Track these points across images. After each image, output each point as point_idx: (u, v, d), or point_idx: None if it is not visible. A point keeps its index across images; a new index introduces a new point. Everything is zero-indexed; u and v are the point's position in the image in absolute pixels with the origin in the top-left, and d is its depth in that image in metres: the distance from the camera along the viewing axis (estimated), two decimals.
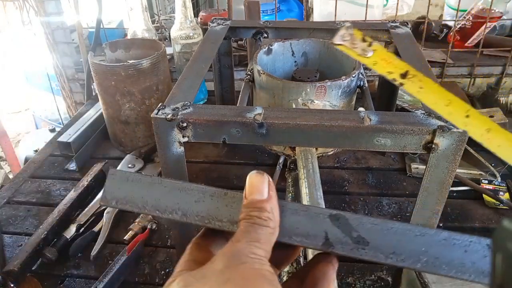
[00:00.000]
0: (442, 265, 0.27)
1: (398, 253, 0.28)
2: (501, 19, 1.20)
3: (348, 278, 0.65)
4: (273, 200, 0.27)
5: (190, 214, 0.30)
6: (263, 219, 0.26)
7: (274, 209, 0.27)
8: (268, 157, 0.92)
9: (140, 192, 0.31)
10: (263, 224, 0.26)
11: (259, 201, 0.27)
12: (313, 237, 0.29)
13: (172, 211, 0.31)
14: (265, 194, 0.27)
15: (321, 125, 0.49)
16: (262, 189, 0.27)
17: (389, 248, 0.28)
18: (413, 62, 0.64)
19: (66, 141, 0.90)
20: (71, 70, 1.29)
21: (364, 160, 0.91)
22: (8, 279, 0.64)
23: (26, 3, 1.17)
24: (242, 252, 0.25)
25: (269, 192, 0.27)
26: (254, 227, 0.26)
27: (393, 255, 0.28)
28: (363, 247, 0.28)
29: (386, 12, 1.38)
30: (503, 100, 1.07)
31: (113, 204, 0.31)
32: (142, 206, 0.31)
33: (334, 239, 0.29)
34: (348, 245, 0.28)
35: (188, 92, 0.56)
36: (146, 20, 1.07)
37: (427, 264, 0.27)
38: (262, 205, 0.27)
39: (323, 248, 0.28)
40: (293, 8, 1.82)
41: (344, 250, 0.28)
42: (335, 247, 0.28)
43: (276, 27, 0.80)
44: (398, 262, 0.28)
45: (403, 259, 0.28)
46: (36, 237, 0.68)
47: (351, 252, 0.28)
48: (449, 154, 0.48)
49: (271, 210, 0.27)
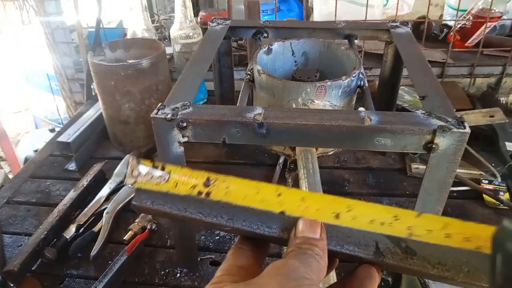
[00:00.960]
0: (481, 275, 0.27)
1: (443, 263, 0.28)
2: (501, 19, 1.20)
3: None
4: (324, 242, 0.27)
5: (237, 219, 0.29)
6: (315, 253, 0.26)
7: (324, 251, 0.27)
8: (268, 157, 0.92)
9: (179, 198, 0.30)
10: (314, 257, 0.26)
11: (311, 238, 0.27)
12: (364, 246, 0.28)
13: (217, 214, 0.29)
14: (317, 235, 0.27)
15: (321, 125, 0.49)
16: (315, 229, 0.27)
17: (434, 259, 0.28)
18: (413, 62, 0.64)
19: (66, 141, 0.90)
20: (71, 70, 1.29)
21: (364, 160, 0.90)
22: (8, 279, 0.64)
23: (26, 3, 1.17)
24: (298, 272, 0.24)
25: (321, 234, 0.27)
26: (308, 257, 0.25)
27: (438, 265, 0.28)
28: (412, 257, 0.28)
29: (386, 12, 1.38)
30: (503, 100, 1.07)
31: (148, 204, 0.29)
32: (183, 208, 0.29)
33: (385, 249, 0.28)
34: (397, 255, 0.28)
35: (188, 92, 0.56)
36: (146, 20, 1.07)
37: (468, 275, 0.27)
38: (314, 242, 0.26)
39: (374, 257, 0.28)
40: (293, 8, 1.82)
41: (394, 260, 0.28)
42: (385, 257, 0.28)
43: (276, 27, 0.80)
44: (444, 272, 0.27)
45: (447, 269, 0.27)
46: (36, 237, 0.68)
47: (400, 262, 0.28)
48: (449, 154, 0.48)
49: (322, 250, 0.26)
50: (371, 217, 0.28)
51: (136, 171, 0.30)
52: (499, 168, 0.84)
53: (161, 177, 0.29)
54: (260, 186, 0.29)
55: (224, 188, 0.29)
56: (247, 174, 0.87)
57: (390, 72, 0.83)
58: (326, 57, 0.75)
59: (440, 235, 0.27)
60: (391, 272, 0.65)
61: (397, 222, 0.28)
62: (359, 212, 0.28)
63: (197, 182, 0.29)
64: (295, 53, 0.75)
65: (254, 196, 0.29)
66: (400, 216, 0.28)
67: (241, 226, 0.29)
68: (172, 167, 0.30)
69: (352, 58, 0.68)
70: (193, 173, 0.29)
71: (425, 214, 0.28)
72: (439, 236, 0.27)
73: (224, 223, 0.29)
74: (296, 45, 0.75)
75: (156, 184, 0.29)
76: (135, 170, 0.30)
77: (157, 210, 0.30)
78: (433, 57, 1.18)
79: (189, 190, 0.29)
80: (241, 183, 0.29)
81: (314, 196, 0.29)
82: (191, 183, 0.29)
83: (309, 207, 0.28)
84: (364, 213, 0.28)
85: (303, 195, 0.28)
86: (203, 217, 0.29)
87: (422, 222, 0.27)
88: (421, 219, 0.28)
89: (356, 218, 0.28)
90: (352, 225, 0.28)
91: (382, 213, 0.28)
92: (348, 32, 0.78)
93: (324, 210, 0.28)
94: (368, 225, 0.28)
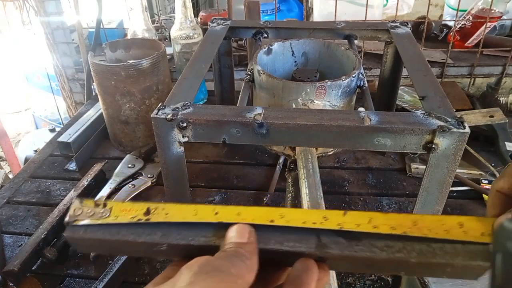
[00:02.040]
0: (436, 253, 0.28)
1: (390, 245, 0.28)
2: (501, 19, 1.20)
3: (348, 278, 0.65)
4: (252, 245, 0.27)
5: (171, 234, 0.29)
6: (239, 253, 0.26)
7: (252, 253, 0.27)
8: (268, 157, 0.92)
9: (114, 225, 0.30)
10: (239, 257, 0.26)
11: (238, 242, 0.27)
12: (305, 241, 0.28)
13: (151, 233, 0.29)
14: (245, 239, 0.27)
15: (321, 125, 0.49)
16: (243, 234, 0.28)
17: (381, 242, 0.28)
18: (413, 62, 0.64)
19: (66, 141, 0.90)
20: (71, 70, 1.29)
21: (364, 160, 0.91)
22: (8, 279, 0.64)
23: (26, 3, 1.17)
24: (214, 264, 0.24)
25: (249, 238, 0.27)
26: (231, 256, 0.26)
27: (387, 248, 0.28)
28: (357, 243, 0.28)
29: (386, 12, 1.38)
30: (503, 100, 1.07)
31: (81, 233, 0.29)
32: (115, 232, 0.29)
33: (327, 240, 0.28)
34: (341, 244, 0.28)
35: (188, 92, 0.56)
36: (146, 20, 1.07)
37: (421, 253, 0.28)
38: (241, 245, 0.27)
39: (317, 250, 0.28)
40: (293, 8, 1.82)
41: (338, 249, 0.28)
42: (329, 247, 0.28)
43: (276, 27, 0.80)
44: (395, 254, 0.27)
45: (398, 250, 0.28)
46: (36, 237, 0.68)
47: (346, 249, 0.28)
48: (449, 154, 0.48)
49: (249, 252, 0.26)
50: (302, 220, 0.29)
51: (78, 211, 0.30)
52: (499, 168, 0.84)
53: (103, 213, 0.30)
54: (198, 208, 0.30)
55: (164, 214, 0.30)
56: (247, 174, 0.87)
57: (390, 72, 0.83)
58: (326, 57, 0.75)
59: (369, 228, 0.28)
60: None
61: (327, 221, 0.29)
62: (291, 217, 0.29)
63: (138, 213, 0.30)
64: (295, 53, 0.76)
65: (192, 216, 0.30)
66: (329, 216, 0.29)
67: (175, 241, 0.29)
68: (113, 203, 0.30)
69: (352, 58, 0.68)
70: (134, 206, 0.30)
71: (351, 212, 0.29)
72: (367, 228, 0.28)
73: (158, 240, 0.29)
74: (296, 45, 0.75)
75: (96, 219, 0.30)
76: (77, 210, 0.30)
77: (89, 238, 0.29)
78: (433, 57, 1.18)
79: (128, 220, 0.30)
80: (180, 208, 0.30)
81: (249, 209, 0.30)
82: (131, 214, 0.30)
83: (245, 219, 0.29)
84: (296, 217, 0.29)
85: (238, 211, 0.30)
86: (137, 238, 0.29)
87: (350, 218, 0.29)
88: (348, 216, 0.29)
89: (290, 222, 0.29)
90: None
91: (312, 215, 0.29)
92: (348, 32, 0.78)
93: (259, 220, 0.29)
94: (302, 225, 0.29)
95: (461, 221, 0.28)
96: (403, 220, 0.29)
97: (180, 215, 0.30)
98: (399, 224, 0.28)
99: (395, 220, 0.29)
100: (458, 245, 0.28)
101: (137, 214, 0.30)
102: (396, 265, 0.29)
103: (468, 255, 0.27)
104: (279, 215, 0.29)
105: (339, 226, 0.29)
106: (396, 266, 0.29)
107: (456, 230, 0.28)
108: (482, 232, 0.28)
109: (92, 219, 0.30)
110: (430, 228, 0.28)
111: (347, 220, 0.29)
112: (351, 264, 0.30)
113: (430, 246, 0.28)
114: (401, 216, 0.29)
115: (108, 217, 0.30)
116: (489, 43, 1.17)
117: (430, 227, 0.28)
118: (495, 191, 0.28)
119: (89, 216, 0.30)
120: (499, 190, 0.27)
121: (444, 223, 0.28)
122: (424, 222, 0.28)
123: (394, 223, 0.29)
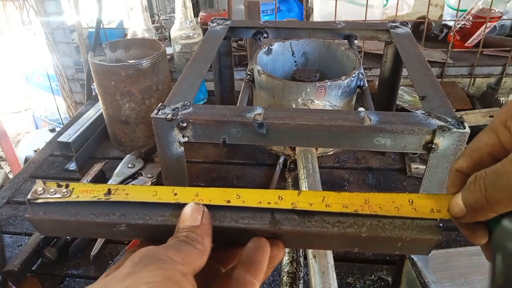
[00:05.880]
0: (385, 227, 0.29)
1: (342, 221, 0.29)
2: (501, 19, 1.20)
3: (348, 278, 0.65)
4: (205, 228, 0.27)
5: (130, 213, 0.29)
6: (190, 239, 0.26)
7: (205, 236, 0.27)
8: (268, 157, 0.92)
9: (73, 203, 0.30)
10: (190, 243, 0.26)
11: (190, 226, 0.27)
12: (259, 218, 0.29)
13: (109, 213, 0.29)
14: (197, 222, 0.27)
15: (321, 125, 0.49)
16: (195, 217, 0.28)
17: (333, 218, 0.29)
18: (413, 62, 0.64)
19: (66, 141, 0.90)
20: (71, 70, 1.29)
21: (364, 160, 0.91)
22: (8, 279, 0.64)
23: (26, 3, 1.17)
24: (154, 254, 0.24)
25: (202, 220, 0.28)
26: (180, 243, 0.26)
27: (338, 223, 0.29)
28: (309, 219, 0.29)
29: (386, 12, 1.38)
30: (503, 100, 1.07)
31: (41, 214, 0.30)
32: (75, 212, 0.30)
33: (281, 217, 0.29)
34: (294, 220, 0.29)
35: (188, 92, 0.56)
36: (146, 20, 1.07)
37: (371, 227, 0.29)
38: (193, 229, 0.27)
39: (271, 227, 0.29)
40: (293, 8, 1.82)
41: (291, 225, 0.29)
42: (282, 224, 0.29)
43: (276, 27, 0.80)
44: (346, 229, 0.28)
45: (349, 225, 0.29)
46: (36, 237, 0.68)
47: (298, 226, 0.29)
48: (449, 154, 0.48)
49: (200, 235, 0.27)
50: (258, 199, 0.30)
51: (41, 190, 0.31)
52: None
53: (64, 193, 0.30)
54: (158, 189, 0.31)
55: (124, 195, 0.30)
56: (247, 174, 0.87)
57: (390, 72, 0.83)
58: (326, 57, 0.75)
59: (321, 206, 0.30)
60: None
61: (281, 201, 0.30)
62: (247, 197, 0.30)
63: (99, 193, 0.30)
64: (295, 53, 0.76)
65: (151, 197, 0.30)
66: (284, 196, 0.30)
67: (134, 221, 0.29)
68: (76, 185, 0.31)
69: (352, 58, 0.68)
70: (95, 187, 0.31)
71: (305, 191, 0.31)
72: (320, 207, 0.30)
73: (117, 220, 0.29)
74: (296, 45, 0.75)
75: (57, 198, 0.30)
76: (40, 190, 0.31)
77: (50, 219, 0.30)
78: (433, 57, 1.18)
79: (89, 199, 0.30)
80: (140, 189, 0.31)
81: (206, 190, 0.31)
82: (92, 194, 0.30)
83: (203, 200, 0.30)
84: (252, 198, 0.30)
85: (197, 192, 0.30)
86: (95, 218, 0.29)
87: (304, 198, 0.30)
88: (303, 195, 0.30)
89: (246, 202, 0.30)
90: None
91: (268, 196, 0.30)
92: (348, 32, 0.78)
93: (216, 200, 0.30)
94: (257, 205, 0.30)
95: (412, 198, 0.29)
96: (355, 199, 0.30)
97: (139, 196, 0.30)
98: (351, 203, 0.30)
99: (347, 199, 0.30)
100: (407, 220, 0.29)
101: (98, 194, 0.30)
102: (348, 241, 0.30)
103: (416, 229, 0.28)
104: (236, 196, 0.30)
105: (292, 206, 0.30)
106: (348, 241, 0.30)
107: (406, 208, 0.29)
108: (431, 208, 0.29)
109: (53, 198, 0.30)
110: (381, 205, 0.29)
111: (301, 199, 0.30)
112: (305, 240, 0.31)
113: (380, 221, 0.29)
114: (353, 195, 0.30)
115: (69, 197, 0.30)
116: (489, 43, 1.17)
117: (381, 205, 0.29)
118: (454, 170, 0.28)
119: (51, 195, 0.30)
120: (458, 169, 0.28)
121: (394, 200, 0.29)
122: (375, 199, 0.30)
123: (346, 202, 0.30)
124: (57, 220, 0.30)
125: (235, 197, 0.30)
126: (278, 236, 0.29)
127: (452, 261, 0.53)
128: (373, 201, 0.29)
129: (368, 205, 0.29)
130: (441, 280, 0.50)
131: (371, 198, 0.30)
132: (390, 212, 0.29)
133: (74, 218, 0.29)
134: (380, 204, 0.29)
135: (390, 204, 0.29)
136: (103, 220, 0.29)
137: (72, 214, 0.29)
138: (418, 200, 0.29)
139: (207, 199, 0.30)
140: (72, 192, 0.30)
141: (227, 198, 0.30)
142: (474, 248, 0.55)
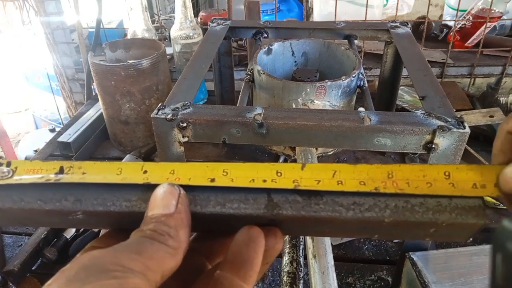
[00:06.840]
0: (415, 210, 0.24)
1: (360, 203, 0.23)
2: (501, 19, 1.20)
3: (348, 278, 0.65)
4: (180, 216, 0.21)
5: (86, 198, 0.23)
6: (158, 233, 0.20)
7: (180, 227, 0.21)
8: (268, 157, 0.92)
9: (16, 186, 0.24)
10: (157, 239, 0.20)
11: (161, 215, 0.21)
12: (252, 201, 0.23)
13: (60, 198, 0.23)
14: (171, 209, 0.21)
15: (321, 125, 0.49)
16: (168, 203, 0.22)
17: (348, 200, 0.23)
18: (413, 62, 0.64)
19: (66, 141, 0.90)
20: (71, 70, 1.29)
21: (364, 160, 0.90)
22: (8, 279, 0.64)
23: (26, 3, 1.17)
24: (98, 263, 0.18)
25: (176, 206, 0.22)
26: (144, 241, 0.20)
27: (354, 206, 0.23)
28: (317, 201, 0.23)
29: (386, 12, 1.38)
30: (503, 100, 1.07)
31: None
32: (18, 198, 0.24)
33: (280, 199, 0.23)
34: (297, 202, 0.23)
35: (188, 92, 0.56)
36: (146, 20, 1.07)
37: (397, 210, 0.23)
38: (163, 219, 0.21)
39: (267, 212, 0.23)
40: (293, 8, 1.82)
41: (294, 210, 0.23)
42: (282, 208, 0.23)
43: (276, 27, 0.80)
44: (364, 213, 0.23)
45: (367, 209, 0.23)
46: (36, 237, 0.68)
47: (303, 210, 0.23)
48: (449, 154, 0.48)
49: (174, 227, 0.21)
50: (251, 177, 0.24)
51: None
52: None
53: (4, 173, 0.24)
54: (123, 166, 0.24)
55: (80, 174, 0.24)
56: None
57: (390, 72, 0.83)
58: (326, 57, 0.75)
59: (332, 184, 0.23)
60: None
61: (280, 178, 0.23)
62: (237, 174, 0.24)
63: (47, 173, 0.24)
64: (295, 53, 0.76)
65: (115, 176, 0.24)
66: (284, 171, 0.24)
67: (91, 208, 0.23)
68: (19, 162, 0.25)
69: (352, 58, 0.68)
70: (44, 165, 0.25)
71: (311, 164, 0.24)
72: (331, 185, 0.23)
73: (70, 207, 0.23)
74: (296, 45, 0.75)
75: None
76: None
77: None
78: (433, 57, 1.18)
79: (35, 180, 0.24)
80: (101, 166, 0.24)
81: (185, 166, 0.24)
82: (39, 175, 0.24)
83: (180, 178, 0.24)
84: (243, 174, 0.24)
85: (173, 168, 0.24)
86: (43, 205, 0.23)
87: (309, 173, 0.24)
88: (307, 170, 0.24)
89: (235, 180, 0.23)
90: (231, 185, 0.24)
91: (263, 171, 0.24)
92: (348, 32, 0.78)
93: (197, 179, 0.24)
94: (249, 185, 0.23)
95: (448, 170, 0.23)
96: (376, 173, 0.23)
97: (100, 175, 0.24)
98: (370, 178, 0.23)
99: (365, 173, 0.23)
100: (444, 199, 0.23)
101: (47, 174, 0.24)
102: (366, 227, 0.23)
103: (456, 211, 0.22)
104: (223, 172, 0.24)
105: (295, 184, 0.23)
106: (366, 228, 0.23)
107: (442, 183, 0.23)
108: (474, 183, 0.23)
109: None
110: (408, 180, 0.23)
111: (306, 175, 0.23)
112: (311, 228, 0.25)
113: (408, 201, 0.23)
114: (373, 168, 0.23)
115: (10, 178, 0.24)
116: (489, 43, 1.17)
117: (408, 179, 0.23)
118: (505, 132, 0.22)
119: None
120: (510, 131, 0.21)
121: (426, 173, 0.23)
122: (401, 173, 0.23)
123: (364, 177, 0.23)
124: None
125: (221, 174, 0.24)
126: (276, 223, 0.23)
127: (452, 261, 0.53)
128: (399, 175, 0.23)
129: (392, 180, 0.23)
130: (441, 280, 0.50)
131: (396, 171, 0.23)
132: (420, 189, 0.23)
133: (17, 205, 0.23)
134: (407, 179, 0.23)
135: (421, 179, 0.23)
136: (53, 208, 0.23)
137: (14, 200, 0.23)
138: (457, 172, 0.23)
139: (186, 178, 0.24)
140: (14, 172, 0.24)
141: (211, 175, 0.24)
142: (474, 248, 0.55)
